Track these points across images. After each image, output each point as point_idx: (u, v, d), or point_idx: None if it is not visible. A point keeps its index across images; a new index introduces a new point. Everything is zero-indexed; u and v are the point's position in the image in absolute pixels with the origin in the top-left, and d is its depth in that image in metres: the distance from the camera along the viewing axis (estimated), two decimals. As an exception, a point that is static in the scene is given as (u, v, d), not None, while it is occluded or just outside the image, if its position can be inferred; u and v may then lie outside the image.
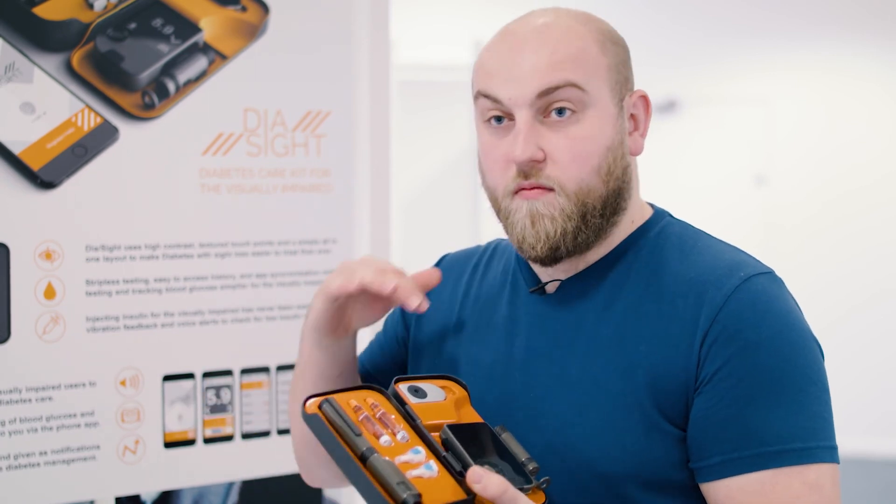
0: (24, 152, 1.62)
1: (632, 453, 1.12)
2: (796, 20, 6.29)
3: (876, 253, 6.20)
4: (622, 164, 1.18)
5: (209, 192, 1.78)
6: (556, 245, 1.16)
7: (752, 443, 1.08)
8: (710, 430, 1.10)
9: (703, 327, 1.11)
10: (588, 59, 1.16)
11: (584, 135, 1.15)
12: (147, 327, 1.73)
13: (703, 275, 1.15)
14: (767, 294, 1.13)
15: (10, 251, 1.61)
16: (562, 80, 1.14)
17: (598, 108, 1.16)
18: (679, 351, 1.12)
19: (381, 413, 1.06)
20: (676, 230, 1.23)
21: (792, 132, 6.33)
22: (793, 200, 6.29)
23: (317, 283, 1.89)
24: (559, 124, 1.15)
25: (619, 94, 1.19)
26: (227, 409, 1.82)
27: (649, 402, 1.12)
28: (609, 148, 1.16)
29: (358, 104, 1.95)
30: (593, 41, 1.17)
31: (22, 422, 1.62)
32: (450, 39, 5.79)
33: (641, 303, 1.16)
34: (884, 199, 6.22)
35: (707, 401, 1.10)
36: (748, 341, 1.10)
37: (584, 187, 1.16)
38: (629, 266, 1.20)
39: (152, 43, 1.72)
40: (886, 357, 6.04)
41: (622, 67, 1.20)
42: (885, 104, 6.26)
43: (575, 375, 1.17)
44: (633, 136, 1.21)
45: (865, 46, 6.26)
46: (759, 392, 1.09)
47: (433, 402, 1.12)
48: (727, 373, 1.09)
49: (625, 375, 1.14)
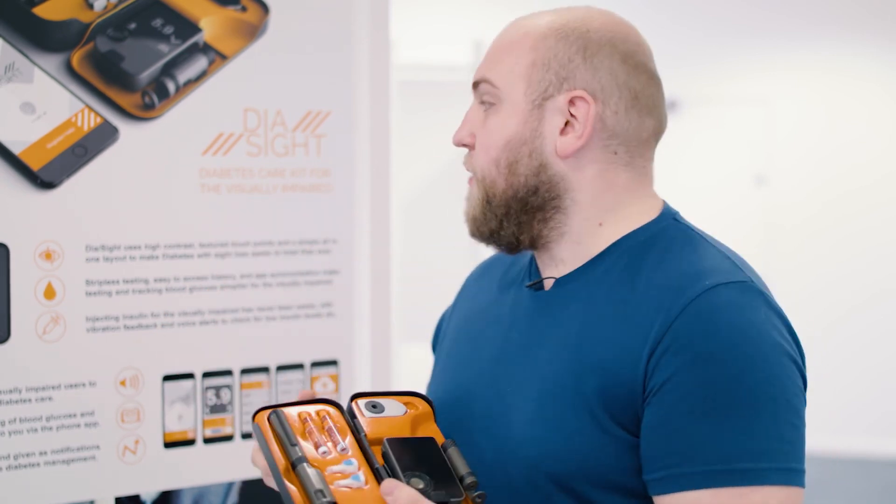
0: (24, 152, 1.62)
1: (580, 455, 1.11)
2: (796, 20, 6.29)
3: (876, 253, 6.20)
4: (531, 163, 1.18)
5: (209, 192, 1.78)
6: (472, 229, 1.24)
7: (695, 460, 1.05)
8: (655, 444, 1.08)
9: (655, 336, 1.08)
10: (512, 55, 1.19)
11: (490, 127, 1.20)
12: (147, 327, 1.73)
13: (670, 281, 1.12)
14: (730, 304, 1.08)
15: (10, 251, 1.61)
16: (481, 76, 1.21)
17: (507, 104, 1.19)
18: (630, 358, 1.10)
19: (330, 426, 1.09)
20: (670, 233, 1.20)
21: (792, 132, 6.33)
22: (793, 200, 6.29)
23: (317, 283, 1.89)
24: (485, 115, 1.22)
25: (540, 91, 1.18)
26: (226, 409, 1.82)
27: (599, 405, 1.10)
28: (509, 142, 1.19)
29: (358, 104, 1.95)
30: (532, 38, 1.19)
31: (22, 422, 1.62)
32: (450, 39, 5.79)
33: (610, 306, 1.15)
34: (884, 199, 6.22)
35: (654, 413, 1.08)
36: (698, 353, 1.06)
37: (487, 177, 1.21)
38: (610, 269, 1.18)
39: (152, 43, 1.72)
40: (886, 357, 6.04)
41: (560, 66, 1.17)
42: (885, 104, 6.26)
43: (540, 373, 1.17)
44: (565, 137, 1.18)
45: (865, 46, 6.26)
46: (705, 407, 1.05)
47: (388, 417, 1.13)
48: (674, 385, 1.06)
49: (578, 377, 1.12)
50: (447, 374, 1.32)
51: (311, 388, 1.89)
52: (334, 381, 1.92)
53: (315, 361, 1.90)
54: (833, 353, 5.88)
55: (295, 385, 1.87)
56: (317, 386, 1.90)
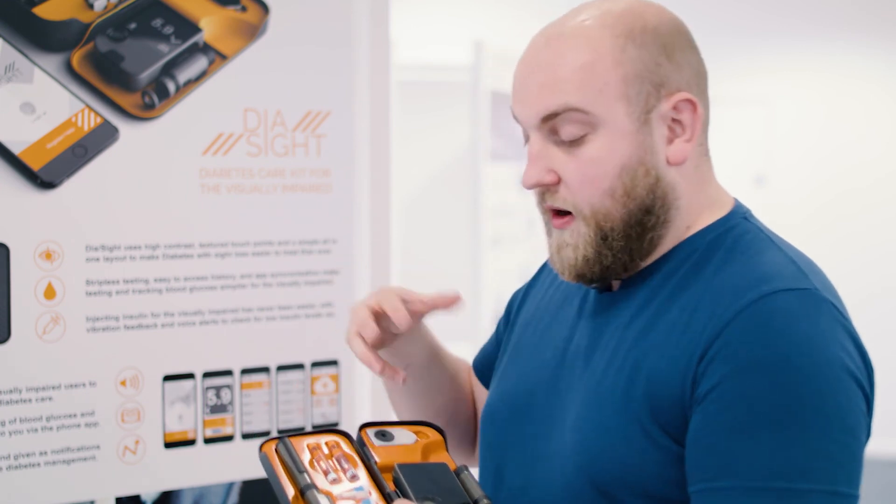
0: (24, 152, 1.62)
1: (623, 463, 1.06)
2: (796, 20, 6.29)
3: (875, 252, 6.20)
4: (647, 181, 1.10)
5: (209, 192, 1.78)
6: (580, 272, 1.13)
7: (733, 475, 0.99)
8: (696, 455, 1.03)
9: (706, 341, 1.03)
10: (597, 78, 1.08)
11: (593, 157, 1.09)
12: (147, 327, 1.73)
13: (727, 285, 1.06)
14: (787, 313, 1.02)
15: (10, 251, 1.61)
16: (561, 106, 1.09)
17: (609, 127, 1.09)
18: (680, 364, 1.05)
19: (339, 455, 1.08)
20: (737, 233, 1.13)
21: (792, 132, 6.33)
22: (793, 200, 6.29)
23: (317, 283, 1.89)
24: (569, 146, 1.10)
25: (642, 105, 1.10)
26: (227, 409, 1.82)
27: (647, 414, 1.06)
28: (623, 167, 1.09)
29: (358, 104, 1.95)
30: (609, 51, 1.09)
31: (22, 422, 1.62)
32: (450, 39, 5.78)
33: (668, 310, 1.10)
34: (883, 199, 6.22)
35: (698, 422, 1.03)
36: (746, 362, 1.00)
37: (599, 211, 1.10)
38: (673, 271, 1.12)
39: (152, 43, 1.72)
40: (886, 356, 6.04)
41: (651, 73, 1.10)
42: (884, 104, 6.26)
43: (595, 378, 1.12)
44: (676, 143, 1.12)
45: (865, 46, 6.27)
46: (749, 419, 0.99)
47: (398, 445, 1.13)
48: (719, 394, 1.01)
49: (629, 383, 1.08)
50: (512, 369, 1.27)
51: (310, 388, 1.89)
52: (334, 382, 1.92)
53: (315, 361, 1.90)
54: (833, 352, 5.88)
55: (295, 385, 1.87)
56: (317, 386, 1.90)
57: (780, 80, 6.32)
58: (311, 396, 1.89)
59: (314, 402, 1.90)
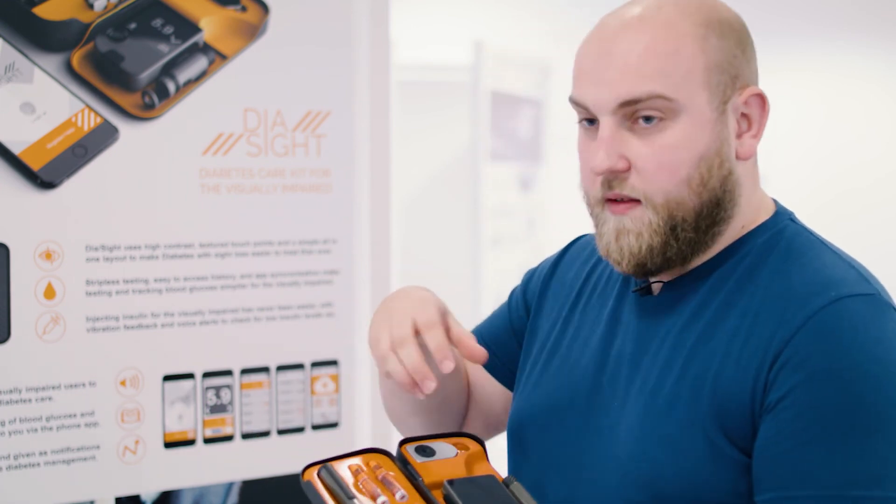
0: (24, 152, 1.62)
1: (690, 476, 1.04)
2: (796, 20, 6.29)
3: (875, 252, 6.19)
4: (721, 173, 1.09)
5: (209, 192, 1.78)
6: (641, 262, 1.09)
7: (806, 483, 0.98)
8: (767, 463, 1.01)
9: (775, 348, 1.01)
10: (681, 64, 1.07)
11: (673, 143, 1.07)
12: (147, 327, 1.73)
13: (792, 290, 1.05)
14: (856, 319, 1.01)
15: (10, 251, 1.61)
16: (646, 93, 1.06)
17: (690, 115, 1.07)
18: (749, 372, 1.03)
19: (383, 475, 1.05)
20: (788, 236, 1.12)
21: (792, 132, 6.33)
22: (793, 200, 6.26)
23: (317, 283, 1.89)
24: (646, 132, 1.07)
25: (720, 95, 1.09)
26: (227, 409, 1.82)
27: (713, 423, 1.03)
28: (702, 157, 1.07)
29: (358, 104, 1.95)
30: (692, 38, 1.07)
31: (22, 422, 1.62)
32: (450, 39, 5.78)
33: (728, 314, 1.07)
34: (883, 199, 6.22)
35: (768, 430, 1.01)
36: (818, 369, 0.99)
37: (673, 199, 1.08)
38: (727, 274, 1.10)
39: (152, 43, 1.72)
40: (886, 357, 6.04)
41: (729, 65, 1.09)
42: (884, 104, 6.26)
43: (651, 386, 1.09)
44: (744, 138, 1.11)
45: (865, 46, 6.27)
46: (822, 427, 0.98)
47: (441, 460, 1.09)
48: (790, 402, 0.99)
49: (693, 392, 1.05)
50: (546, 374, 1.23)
51: (310, 388, 1.89)
52: (334, 382, 1.92)
53: (315, 361, 1.90)
54: (833, 353, 5.89)
55: (295, 385, 1.87)
56: (317, 386, 1.90)
57: (780, 80, 6.31)
58: (310, 396, 1.89)
59: (314, 402, 1.90)
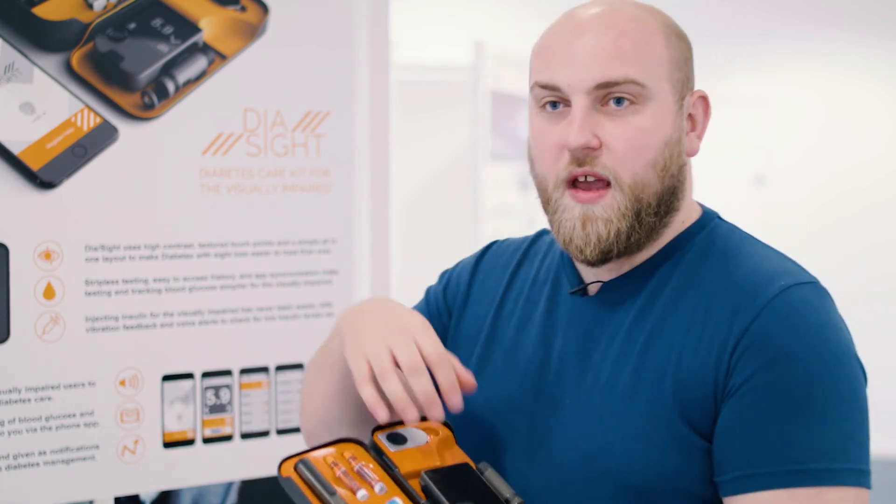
0: (24, 152, 1.62)
1: (657, 466, 1.08)
2: (796, 20, 6.29)
3: (875, 252, 6.20)
4: (678, 162, 1.15)
5: (209, 192, 1.78)
6: (607, 248, 1.13)
7: (772, 460, 1.04)
8: (731, 444, 1.06)
9: (734, 337, 1.07)
10: (652, 53, 1.13)
11: (643, 126, 1.12)
12: (147, 327, 1.73)
13: (741, 282, 1.10)
14: (806, 305, 1.08)
15: (10, 251, 1.61)
16: (622, 77, 1.11)
17: (658, 102, 1.13)
18: (709, 361, 1.08)
19: (360, 466, 1.06)
20: (722, 233, 1.19)
21: (791, 132, 6.33)
22: (792, 200, 6.29)
23: (316, 283, 1.89)
24: (617, 113, 1.12)
25: (679, 91, 1.15)
26: (226, 409, 1.82)
27: (677, 413, 1.08)
28: (666, 143, 1.13)
29: (358, 104, 1.95)
30: (659, 34, 1.14)
31: (21, 422, 1.62)
32: (450, 39, 5.78)
33: (677, 309, 1.12)
34: (883, 199, 6.22)
35: (731, 413, 1.06)
36: (777, 354, 1.05)
37: (640, 181, 1.12)
38: (670, 271, 1.16)
39: (152, 43, 1.72)
40: (885, 356, 6.04)
41: (684, 65, 1.16)
42: (884, 104, 6.26)
43: (605, 382, 1.13)
44: (690, 136, 1.18)
45: (865, 46, 6.26)
46: (783, 407, 1.04)
47: (414, 448, 1.10)
48: (753, 385, 1.05)
49: (653, 384, 1.10)
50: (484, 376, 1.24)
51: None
52: (334, 381, 1.92)
53: (315, 361, 1.90)
54: (833, 353, 5.89)
55: (295, 385, 1.87)
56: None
57: (780, 80, 6.32)
58: (310, 396, 1.89)
59: (314, 402, 1.89)
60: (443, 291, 1.35)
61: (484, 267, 1.34)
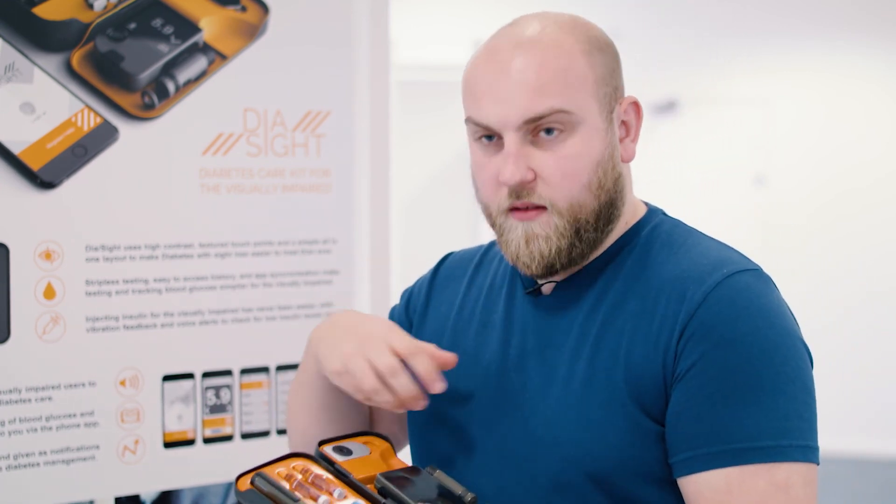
0: (24, 152, 1.62)
1: (617, 452, 1.13)
2: (796, 20, 6.29)
3: (875, 252, 6.20)
4: (613, 175, 1.19)
5: (209, 192, 1.78)
6: (550, 263, 1.19)
7: (721, 439, 1.09)
8: (681, 426, 1.11)
9: (681, 324, 1.12)
10: (575, 79, 1.16)
11: (573, 153, 1.16)
12: (147, 327, 1.73)
13: (687, 272, 1.16)
14: (749, 291, 1.13)
15: (10, 251, 1.61)
16: (548, 109, 1.14)
17: (586, 125, 1.16)
18: (658, 348, 1.13)
19: (313, 476, 1.10)
20: (667, 228, 1.24)
21: (791, 132, 6.33)
22: (792, 200, 6.29)
23: (317, 283, 1.89)
24: (548, 143, 1.16)
25: (607, 106, 1.19)
26: (226, 409, 1.82)
27: (630, 399, 1.13)
28: (598, 163, 1.17)
29: (358, 104, 1.95)
30: (581, 54, 1.16)
31: (22, 422, 1.63)
32: (450, 39, 5.79)
33: (626, 301, 1.18)
34: (883, 199, 6.22)
35: (680, 396, 1.11)
36: (723, 338, 1.10)
37: (576, 203, 1.17)
38: (619, 266, 1.21)
39: (152, 43, 1.72)
40: (884, 356, 6.04)
41: (610, 77, 1.19)
42: (884, 104, 6.26)
43: (562, 375, 1.19)
44: (625, 142, 1.22)
45: (865, 46, 6.26)
46: (730, 389, 1.09)
47: (360, 458, 1.16)
48: (700, 369, 1.10)
49: (606, 373, 1.15)
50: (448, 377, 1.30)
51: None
52: (334, 381, 1.92)
53: (315, 361, 1.90)
54: (831, 352, 5.88)
55: (295, 385, 1.87)
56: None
57: (780, 80, 6.32)
58: (310, 396, 1.89)
59: (314, 402, 1.90)
60: (405, 308, 1.42)
61: (440, 278, 1.41)
